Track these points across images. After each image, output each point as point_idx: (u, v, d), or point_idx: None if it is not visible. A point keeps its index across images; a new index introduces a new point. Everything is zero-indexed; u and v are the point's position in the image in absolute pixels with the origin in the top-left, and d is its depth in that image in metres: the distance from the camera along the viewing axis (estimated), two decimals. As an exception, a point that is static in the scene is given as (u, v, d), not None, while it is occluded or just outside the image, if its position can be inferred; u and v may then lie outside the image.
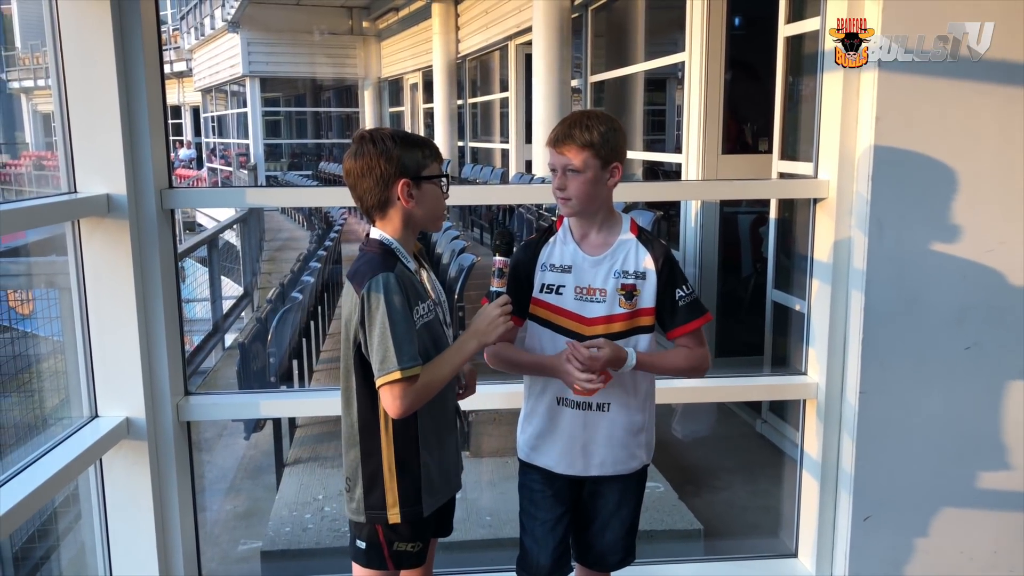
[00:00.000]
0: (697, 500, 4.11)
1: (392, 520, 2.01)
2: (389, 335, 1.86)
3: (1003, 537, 2.84)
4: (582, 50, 9.19)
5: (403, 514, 2.01)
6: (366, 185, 1.95)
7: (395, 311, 1.87)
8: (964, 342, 2.71)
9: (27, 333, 5.19)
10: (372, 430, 1.99)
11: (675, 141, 7.32)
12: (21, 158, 26.41)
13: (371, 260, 1.95)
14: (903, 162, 2.60)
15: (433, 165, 2.00)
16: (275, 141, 24.40)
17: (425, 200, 1.98)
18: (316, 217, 13.12)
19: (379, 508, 2.01)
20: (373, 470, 2.01)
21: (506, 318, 1.99)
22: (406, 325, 1.89)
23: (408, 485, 2.01)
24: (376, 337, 1.87)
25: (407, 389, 1.88)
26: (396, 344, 1.86)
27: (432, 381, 1.94)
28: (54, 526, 3.94)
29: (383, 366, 1.87)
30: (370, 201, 1.98)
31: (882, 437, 2.75)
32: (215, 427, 5.45)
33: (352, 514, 2.05)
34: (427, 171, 1.98)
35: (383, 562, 2.05)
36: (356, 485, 2.03)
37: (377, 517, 2.01)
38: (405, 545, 2.04)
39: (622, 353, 2.07)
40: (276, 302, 6.33)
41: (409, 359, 1.87)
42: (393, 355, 1.86)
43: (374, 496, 2.01)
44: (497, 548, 3.59)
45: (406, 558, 2.06)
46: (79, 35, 2.46)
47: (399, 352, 1.86)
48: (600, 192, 2.12)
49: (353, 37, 21.88)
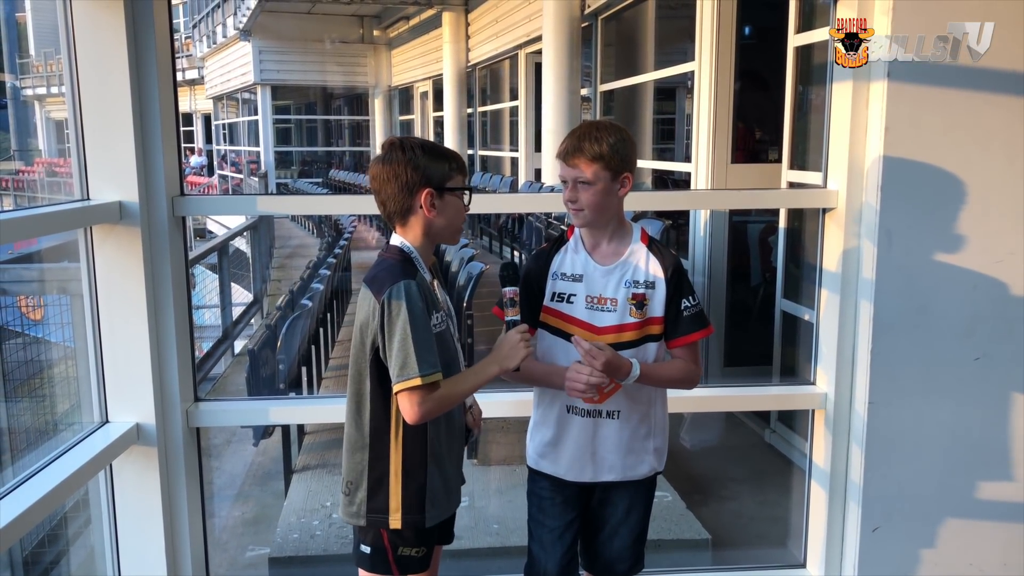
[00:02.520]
0: (705, 510, 4.10)
1: (393, 525, 2.02)
2: (411, 342, 1.88)
3: (1012, 549, 2.82)
4: (592, 59, 9.21)
5: (404, 521, 2.02)
6: (390, 191, 1.98)
7: (416, 318, 1.90)
8: (973, 352, 2.70)
9: (38, 339, 5.22)
10: (383, 435, 2.01)
11: (684, 150, 7.32)
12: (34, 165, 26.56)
13: (392, 267, 1.97)
14: (912, 172, 2.60)
15: (457, 178, 2.02)
16: (286, 149, 24.50)
17: (446, 211, 2.01)
18: (326, 225, 13.15)
19: (381, 512, 2.02)
20: (380, 474, 2.02)
21: (526, 343, 2.00)
22: (427, 332, 1.91)
23: (413, 493, 2.02)
24: (396, 343, 1.89)
25: (426, 396, 1.91)
26: (417, 351, 1.88)
27: (451, 394, 1.97)
28: (64, 531, 3.96)
29: (403, 372, 1.89)
30: (392, 207, 2.00)
31: (891, 448, 2.74)
32: (224, 433, 5.47)
33: (350, 517, 2.06)
34: (451, 183, 2.00)
35: (388, 567, 2.06)
36: (359, 488, 2.04)
37: (378, 521, 2.03)
38: (410, 550, 2.05)
39: (624, 363, 2.08)
40: (286, 309, 6.35)
41: (429, 366, 1.89)
42: (414, 361, 1.88)
43: (378, 500, 2.02)
44: (504, 556, 3.59)
45: (411, 564, 2.06)
46: (93, 43, 2.48)
47: (420, 359, 1.88)
48: (611, 203, 2.13)
49: (364, 46, 21.97)
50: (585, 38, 9.49)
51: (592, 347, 2.05)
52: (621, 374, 2.08)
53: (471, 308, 5.24)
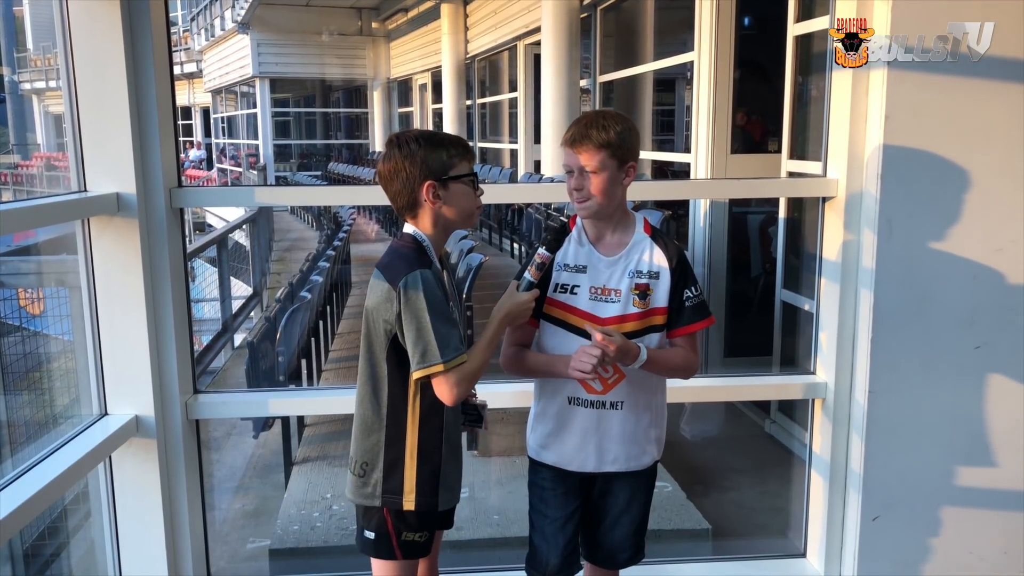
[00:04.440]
0: (705, 500, 4.10)
1: (407, 507, 2.04)
2: (429, 329, 1.91)
3: (1013, 537, 2.82)
4: (591, 50, 9.18)
5: (418, 503, 2.04)
6: (395, 188, 2.01)
7: (434, 305, 1.92)
8: (974, 341, 2.69)
9: (37, 332, 5.21)
10: (400, 417, 2.03)
11: (684, 141, 7.30)
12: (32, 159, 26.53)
13: (407, 255, 1.99)
14: (912, 160, 2.59)
15: (461, 164, 2.02)
16: (285, 142, 24.45)
17: (453, 199, 2.02)
18: (325, 217, 13.14)
19: (396, 493, 2.04)
20: (396, 456, 2.04)
21: (532, 306, 2.08)
22: (446, 318, 1.94)
23: (427, 475, 2.05)
24: (414, 331, 1.92)
25: (457, 378, 1.94)
26: (438, 337, 1.91)
27: (479, 366, 2.00)
28: (64, 523, 3.96)
29: (424, 359, 1.92)
30: (400, 202, 2.03)
31: (891, 437, 2.74)
32: (224, 426, 5.47)
33: (364, 499, 2.07)
34: (454, 171, 2.01)
35: (391, 551, 2.07)
36: (375, 469, 2.05)
37: (392, 502, 2.04)
38: (413, 535, 2.07)
39: (632, 347, 2.08)
40: (285, 301, 6.34)
41: (452, 350, 1.93)
42: (435, 347, 1.91)
43: (392, 481, 2.04)
44: (505, 547, 3.59)
45: (414, 548, 2.09)
46: (89, 36, 2.47)
47: (442, 344, 1.91)
48: (616, 192, 2.13)
49: (362, 38, 21.92)
50: (584, 29, 9.46)
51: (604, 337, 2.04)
52: (630, 358, 2.08)
53: (470, 300, 5.24)
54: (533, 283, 2.09)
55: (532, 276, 2.09)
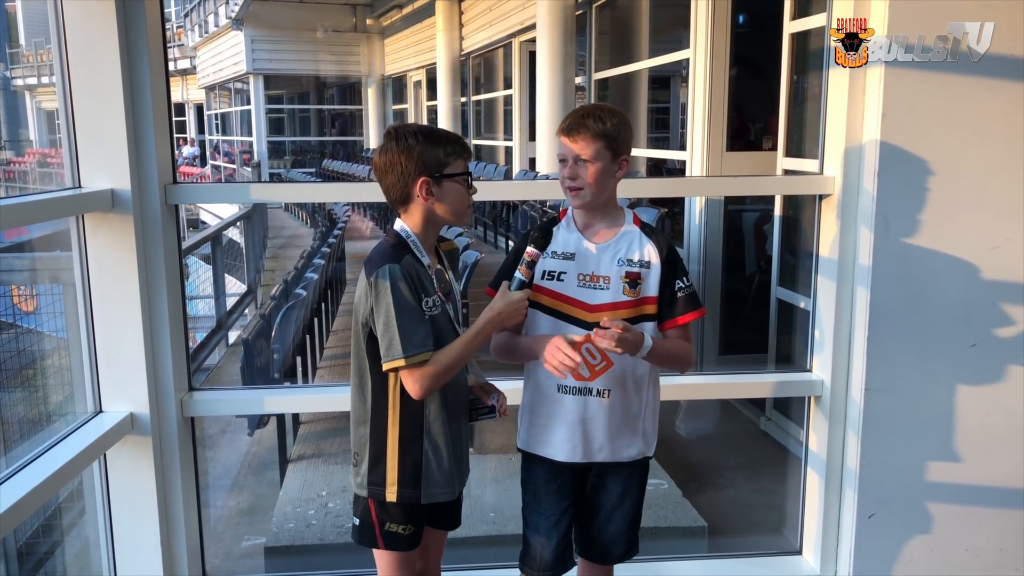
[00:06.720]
0: (701, 497, 4.10)
1: (389, 498, 2.07)
2: (394, 323, 1.94)
3: (1009, 535, 2.83)
4: (586, 47, 9.16)
5: (400, 495, 2.07)
6: (389, 180, 2.03)
7: (400, 300, 1.94)
8: (970, 339, 2.70)
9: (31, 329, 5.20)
10: (382, 409, 2.07)
11: (679, 139, 7.30)
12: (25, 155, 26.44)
13: (384, 250, 2.02)
14: (909, 158, 2.59)
15: (456, 162, 2.03)
16: (279, 138, 24.38)
17: (446, 197, 2.03)
18: (319, 214, 13.10)
19: (379, 484, 2.08)
20: (379, 447, 2.08)
21: (525, 306, 2.07)
22: (412, 314, 1.96)
23: (408, 468, 2.07)
24: (382, 324, 1.96)
25: (420, 373, 1.97)
26: (401, 332, 1.94)
27: (451, 362, 2.01)
28: (58, 521, 3.95)
29: (388, 352, 1.96)
30: (393, 195, 2.05)
31: (887, 434, 2.74)
32: (219, 423, 5.46)
33: (356, 487, 2.13)
34: (449, 168, 2.02)
35: (374, 540, 2.11)
36: (363, 460, 2.10)
37: (376, 493, 2.08)
38: (396, 527, 2.10)
39: (638, 336, 2.06)
40: (280, 299, 6.33)
41: (414, 346, 1.95)
42: (398, 342, 1.94)
43: (377, 472, 2.08)
44: (500, 544, 3.59)
45: (397, 540, 2.11)
46: (84, 32, 2.46)
47: (404, 339, 1.94)
48: (608, 184, 2.15)
49: (357, 34, 21.86)
50: (579, 26, 9.45)
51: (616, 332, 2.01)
52: (636, 348, 2.05)
53: (466, 297, 5.23)
54: (525, 282, 2.08)
55: (523, 275, 2.08)
